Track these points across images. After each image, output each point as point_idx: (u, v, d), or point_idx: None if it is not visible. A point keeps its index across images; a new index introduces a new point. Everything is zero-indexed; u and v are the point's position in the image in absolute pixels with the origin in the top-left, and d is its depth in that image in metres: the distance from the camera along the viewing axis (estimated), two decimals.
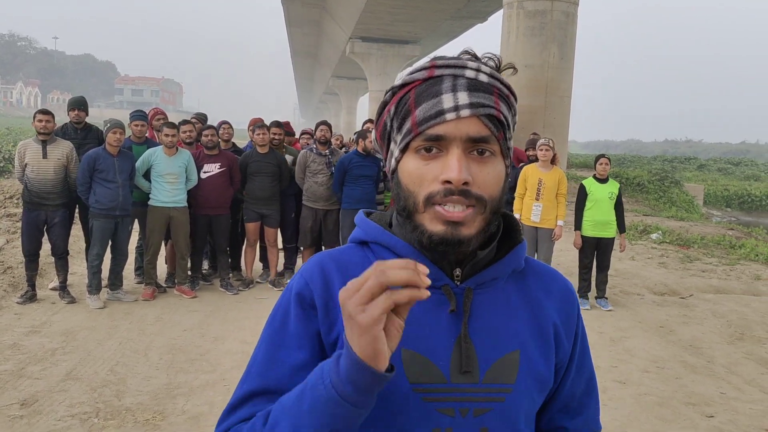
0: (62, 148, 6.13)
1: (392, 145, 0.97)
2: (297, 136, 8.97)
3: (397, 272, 0.74)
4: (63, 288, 6.34)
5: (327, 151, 7.08)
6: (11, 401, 3.99)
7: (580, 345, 1.08)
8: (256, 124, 7.11)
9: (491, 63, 0.95)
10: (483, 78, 0.92)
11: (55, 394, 4.13)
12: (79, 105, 6.64)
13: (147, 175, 6.50)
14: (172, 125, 6.56)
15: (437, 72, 0.92)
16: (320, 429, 0.80)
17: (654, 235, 11.46)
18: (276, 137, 7.26)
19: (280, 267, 7.70)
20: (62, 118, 6.71)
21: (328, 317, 0.96)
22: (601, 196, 6.70)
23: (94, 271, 6.19)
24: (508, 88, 0.95)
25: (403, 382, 0.91)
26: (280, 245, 7.55)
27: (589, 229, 6.75)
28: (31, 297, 6.22)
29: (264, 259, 7.68)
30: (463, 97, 0.89)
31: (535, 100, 13.23)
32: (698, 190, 21.12)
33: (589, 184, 6.82)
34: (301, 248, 7.46)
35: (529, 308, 1.01)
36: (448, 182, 0.88)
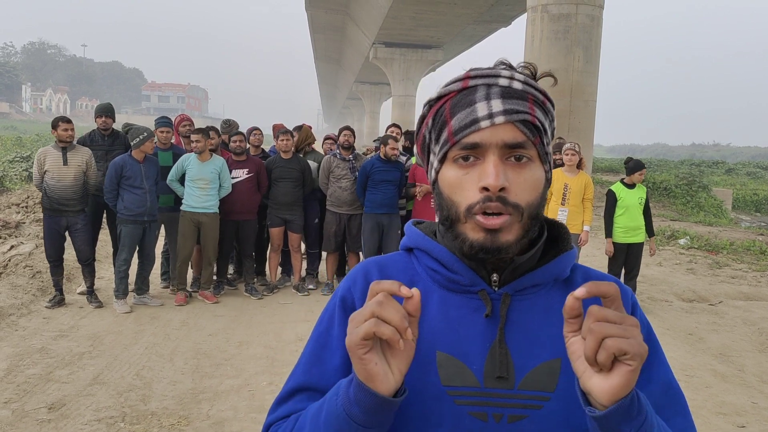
0: (81, 155, 6.21)
1: (431, 156, 0.99)
2: (319, 140, 8.97)
3: (388, 312, 0.77)
4: (90, 292, 6.42)
5: (350, 156, 7.09)
6: (39, 405, 4.04)
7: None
8: (280, 130, 7.14)
9: (526, 71, 0.96)
10: (517, 85, 0.93)
11: (82, 398, 4.18)
12: (107, 112, 6.72)
13: (182, 181, 6.59)
14: (198, 131, 6.61)
15: (471, 82, 0.94)
16: None
17: (682, 241, 11.28)
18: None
19: (303, 272, 7.71)
20: (90, 124, 6.82)
21: None
22: (632, 201, 6.62)
23: (122, 276, 6.26)
24: (544, 94, 0.96)
25: (436, 383, 0.93)
26: (302, 250, 7.57)
27: (621, 236, 6.66)
28: (59, 301, 6.31)
29: (285, 264, 7.70)
30: (497, 105, 0.91)
31: (559, 104, 13.12)
32: (727, 194, 20.76)
33: (619, 190, 6.74)
34: (325, 253, 7.47)
35: None
36: (486, 189, 0.89)
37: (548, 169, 0.97)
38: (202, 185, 6.46)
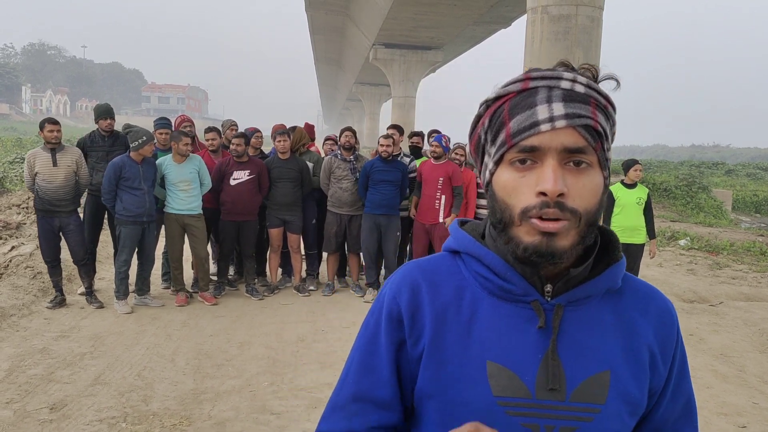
0: (71, 155, 6.21)
1: (486, 157, 0.97)
2: (317, 140, 8.96)
3: None
4: (89, 293, 6.42)
5: (351, 156, 7.09)
6: (41, 405, 4.04)
7: (678, 369, 1.04)
8: (277, 131, 7.15)
9: (588, 74, 0.94)
10: (579, 88, 0.91)
11: (84, 398, 4.18)
12: (110, 113, 6.74)
13: (162, 184, 6.57)
14: (185, 134, 6.59)
15: (532, 84, 0.92)
16: None
17: (682, 242, 11.28)
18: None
19: (303, 273, 7.71)
20: (89, 125, 6.82)
21: (414, 329, 0.99)
22: (629, 201, 6.61)
23: (122, 277, 6.26)
24: (606, 98, 0.94)
25: (487, 394, 0.92)
26: (302, 251, 7.57)
27: (617, 235, 6.65)
28: (60, 302, 6.31)
29: (286, 265, 7.70)
30: (559, 108, 0.89)
31: None
32: (726, 195, 20.77)
33: (617, 189, 6.74)
34: (325, 254, 7.47)
35: (622, 328, 0.98)
36: (543, 194, 0.87)
37: (607, 175, 0.95)
38: (184, 187, 6.45)
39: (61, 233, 6.24)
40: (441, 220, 6.87)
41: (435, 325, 0.97)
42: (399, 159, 7.19)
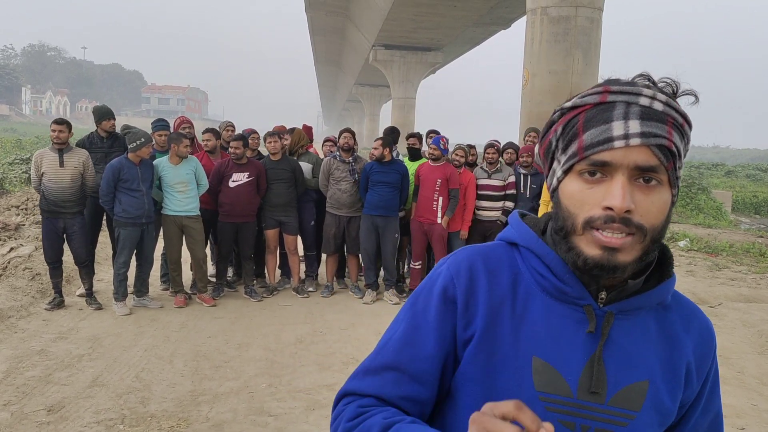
0: (78, 156, 6.21)
1: (555, 164, 0.99)
2: (317, 142, 8.97)
3: None
4: (89, 295, 6.42)
5: (350, 158, 7.09)
6: (38, 407, 4.04)
7: (711, 386, 1.07)
8: (267, 133, 7.15)
9: (669, 89, 0.94)
10: (658, 106, 0.91)
11: (82, 400, 4.17)
12: (111, 115, 6.75)
13: (159, 186, 6.56)
14: (184, 136, 6.59)
15: (610, 97, 0.92)
16: None
17: (681, 243, 11.28)
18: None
19: (302, 274, 7.70)
20: (89, 126, 6.81)
21: (467, 313, 1.01)
22: None
23: (121, 279, 6.26)
24: (684, 117, 0.93)
25: (530, 388, 0.95)
26: (300, 253, 7.56)
27: None
28: (58, 303, 6.30)
29: (285, 266, 7.70)
30: (635, 126, 0.89)
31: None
32: (726, 196, 20.76)
33: None
34: (325, 255, 7.47)
35: (665, 342, 1.02)
36: (610, 209, 0.88)
37: (676, 192, 0.95)
38: (181, 188, 6.45)
39: (64, 235, 6.24)
40: (439, 221, 6.86)
41: (489, 313, 0.99)
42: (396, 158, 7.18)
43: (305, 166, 7.29)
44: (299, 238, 7.37)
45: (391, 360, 1.02)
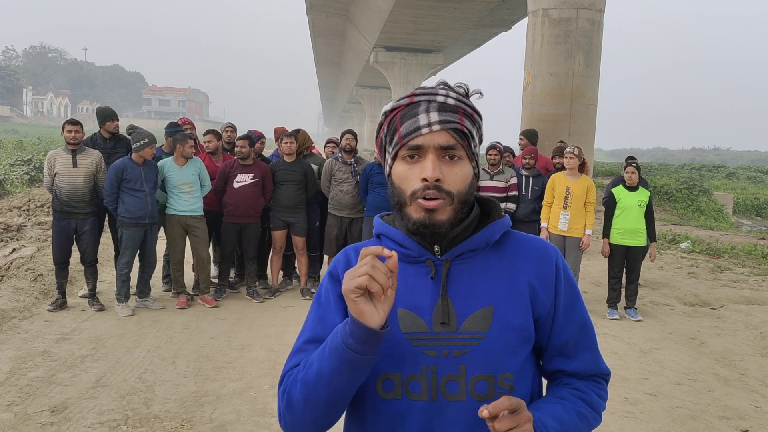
0: (91, 157, 6.23)
1: (387, 155, 1.26)
2: (320, 144, 8.97)
3: (377, 273, 1.03)
4: (92, 296, 6.42)
5: (352, 159, 7.09)
6: (42, 408, 4.04)
7: (564, 296, 1.28)
8: (284, 133, 7.15)
9: (461, 90, 1.24)
10: (451, 102, 1.21)
11: (85, 401, 4.17)
12: (115, 116, 6.76)
13: (162, 187, 6.58)
14: (189, 136, 6.62)
15: (416, 98, 1.22)
16: (336, 368, 1.10)
17: (683, 245, 11.27)
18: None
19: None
20: (91, 127, 6.82)
21: None
22: (630, 203, 6.60)
23: (123, 280, 6.26)
24: (473, 108, 1.24)
25: (399, 332, 1.20)
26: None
27: (618, 237, 6.65)
28: (61, 304, 6.31)
29: (287, 267, 7.70)
30: (435, 116, 1.18)
31: (560, 108, 13.14)
32: (727, 198, 20.73)
33: (618, 191, 6.73)
34: (326, 256, 7.46)
35: (504, 271, 1.25)
36: (425, 180, 1.16)
37: (475, 165, 1.25)
38: (186, 189, 6.47)
39: (74, 236, 6.25)
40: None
41: None
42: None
43: (313, 168, 7.30)
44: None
45: (310, 336, 1.26)
